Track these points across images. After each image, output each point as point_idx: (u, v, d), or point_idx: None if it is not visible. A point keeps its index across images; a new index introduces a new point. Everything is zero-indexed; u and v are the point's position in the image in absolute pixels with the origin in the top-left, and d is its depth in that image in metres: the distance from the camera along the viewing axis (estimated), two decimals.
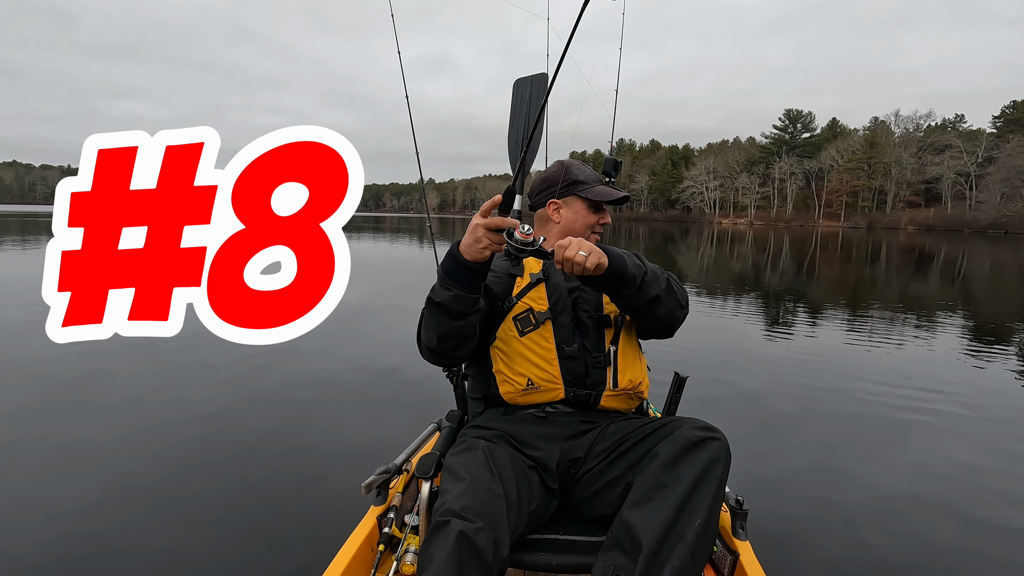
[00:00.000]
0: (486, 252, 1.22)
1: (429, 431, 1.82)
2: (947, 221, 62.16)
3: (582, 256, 1.23)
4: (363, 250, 18.89)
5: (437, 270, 1.31)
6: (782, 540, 2.33)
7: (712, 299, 9.17)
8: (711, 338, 6.16)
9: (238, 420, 3.48)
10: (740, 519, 1.41)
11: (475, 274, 1.26)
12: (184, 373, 4.39)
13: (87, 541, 2.21)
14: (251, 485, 2.67)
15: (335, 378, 4.36)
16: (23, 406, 3.69)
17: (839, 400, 4.13)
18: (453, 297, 1.27)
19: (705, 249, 24.34)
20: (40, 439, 3.13)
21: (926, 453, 3.21)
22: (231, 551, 2.17)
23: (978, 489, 2.81)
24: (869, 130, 76.41)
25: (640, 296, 1.37)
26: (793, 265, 16.94)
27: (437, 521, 1.11)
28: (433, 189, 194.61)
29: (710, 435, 1.23)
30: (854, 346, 5.95)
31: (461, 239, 1.25)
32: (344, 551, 1.35)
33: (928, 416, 3.80)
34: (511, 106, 2.24)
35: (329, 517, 2.37)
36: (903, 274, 15.09)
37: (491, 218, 1.21)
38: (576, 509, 1.40)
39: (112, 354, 4.73)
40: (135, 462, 2.90)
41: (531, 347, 1.46)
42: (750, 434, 3.42)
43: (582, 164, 1.67)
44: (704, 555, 1.15)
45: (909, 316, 7.88)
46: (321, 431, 3.37)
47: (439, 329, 1.33)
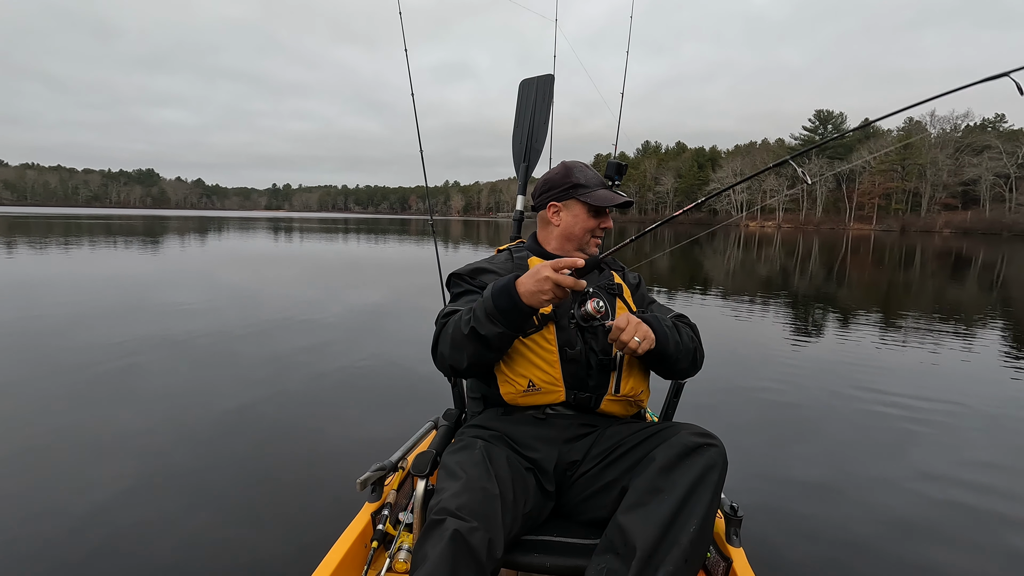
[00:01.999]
0: (545, 303, 1.23)
1: (426, 429, 1.83)
2: (985, 224, 60.11)
3: (636, 342, 1.31)
4: (388, 252, 19.13)
5: (485, 300, 1.27)
6: (776, 548, 2.30)
7: (737, 303, 9.01)
8: (725, 343, 6.08)
9: (248, 416, 3.54)
10: (734, 526, 1.40)
11: (527, 319, 1.28)
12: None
13: (114, 518, 2.32)
14: (255, 480, 2.73)
15: (351, 377, 4.42)
16: (65, 397, 3.86)
17: (850, 409, 4.02)
18: (500, 335, 1.28)
19: (731, 252, 23.93)
20: (83, 428, 3.31)
21: (932, 467, 3.10)
22: (227, 548, 2.19)
23: (981, 507, 2.70)
24: (903, 131, 74.38)
25: (669, 368, 1.50)
26: (822, 269, 16.55)
27: (432, 519, 1.11)
28: (459, 192, 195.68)
29: (707, 441, 1.23)
30: (876, 353, 5.79)
31: (518, 275, 1.25)
32: (337, 547, 1.36)
33: (939, 429, 3.68)
34: (516, 107, 2.23)
35: (323, 513, 2.39)
36: (938, 279, 14.62)
37: (565, 276, 1.20)
38: (571, 512, 1.39)
39: (150, 350, 4.89)
40: (163, 451, 3.01)
41: (533, 348, 1.45)
42: (751, 440, 3.39)
43: (585, 167, 1.64)
44: (698, 561, 1.14)
45: (941, 323, 7.63)
46: (328, 428, 3.41)
47: (473, 357, 1.33)
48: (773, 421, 3.76)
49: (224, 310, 7.08)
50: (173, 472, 2.78)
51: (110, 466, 2.82)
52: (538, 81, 2.22)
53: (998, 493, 2.83)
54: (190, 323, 6.19)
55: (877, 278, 14.49)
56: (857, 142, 76.16)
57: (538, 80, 2.22)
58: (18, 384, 4.07)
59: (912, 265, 18.99)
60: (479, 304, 1.29)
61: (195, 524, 2.33)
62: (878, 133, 77.26)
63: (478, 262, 1.63)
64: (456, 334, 1.34)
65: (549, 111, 2.16)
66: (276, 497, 2.55)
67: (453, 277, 1.60)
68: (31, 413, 3.52)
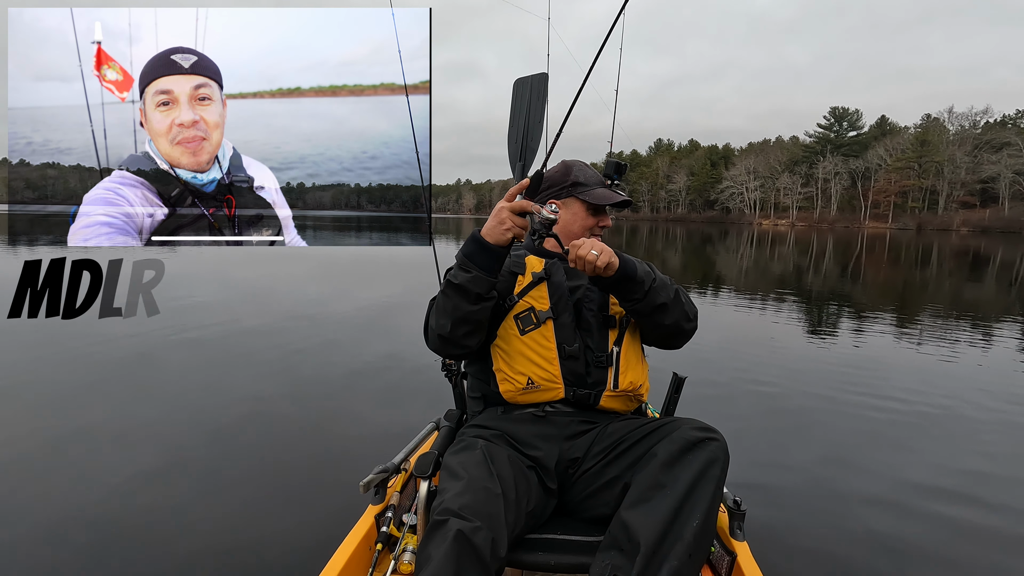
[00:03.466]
0: (509, 235, 1.29)
1: (427, 430, 1.83)
2: (1004, 222, 58.99)
3: (593, 255, 1.32)
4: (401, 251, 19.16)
5: (456, 255, 1.36)
6: (781, 541, 2.30)
7: (749, 300, 8.95)
8: (732, 336, 6.05)
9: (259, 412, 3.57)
10: (738, 520, 1.40)
11: (496, 257, 1.32)
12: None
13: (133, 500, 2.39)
14: (261, 475, 2.76)
15: (360, 372, 4.45)
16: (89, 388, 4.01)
17: (855, 406, 3.98)
18: (473, 279, 1.32)
19: (744, 250, 23.76)
20: (107, 419, 3.44)
21: (939, 464, 3.08)
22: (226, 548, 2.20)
23: (985, 502, 2.69)
24: (921, 127, 73.38)
25: (647, 301, 1.43)
26: (836, 267, 16.38)
27: (435, 520, 1.11)
28: (470, 190, 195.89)
29: (709, 436, 1.22)
30: (887, 351, 5.73)
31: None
32: (342, 550, 1.36)
33: (948, 427, 3.64)
34: (511, 106, 2.22)
35: (329, 516, 2.39)
36: (955, 277, 14.42)
37: (517, 201, 1.29)
38: (574, 509, 1.39)
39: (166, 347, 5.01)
40: (177, 441, 3.11)
41: (532, 346, 1.46)
42: (755, 434, 3.38)
43: (585, 166, 1.65)
44: (702, 555, 1.14)
45: (957, 322, 7.52)
46: (336, 425, 3.44)
47: (455, 312, 1.35)
48: (777, 416, 3.74)
49: (236, 306, 7.14)
50: (172, 472, 2.80)
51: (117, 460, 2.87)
52: (532, 80, 2.19)
53: (1009, 492, 2.79)
54: (204, 318, 6.27)
55: (892, 276, 14.32)
56: (873, 140, 75.27)
57: (532, 79, 2.19)
58: (39, 378, 4.19)
59: (929, 263, 18.74)
60: (454, 264, 1.38)
61: (194, 522, 2.35)
62: (895, 130, 76.35)
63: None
64: (438, 300, 1.41)
65: (544, 110, 2.15)
66: (283, 499, 2.56)
67: (449, 270, 1.62)
68: (55, 404, 3.66)
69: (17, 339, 5.22)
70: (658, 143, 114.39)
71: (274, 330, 5.88)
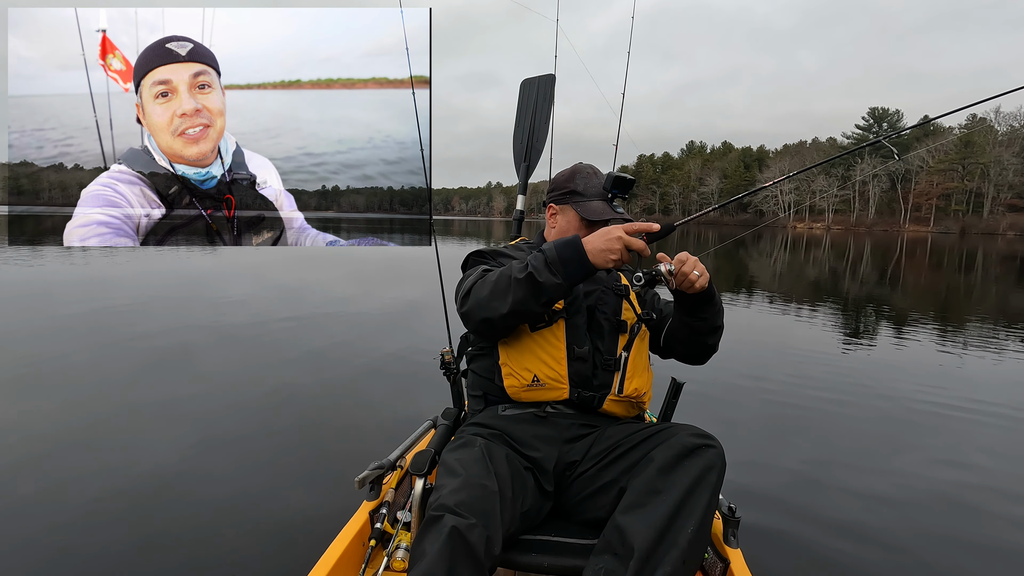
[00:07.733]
0: (611, 264, 1.25)
1: (424, 428, 1.83)
2: None
3: (695, 275, 1.30)
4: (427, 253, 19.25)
5: (548, 249, 1.28)
6: (774, 549, 2.27)
7: (782, 305, 8.74)
8: (745, 339, 5.93)
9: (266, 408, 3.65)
10: (732, 527, 1.39)
11: (588, 276, 1.28)
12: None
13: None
14: (266, 466, 2.83)
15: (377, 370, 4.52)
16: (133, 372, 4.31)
17: (856, 412, 3.90)
18: (556, 286, 1.27)
19: (778, 254, 23.24)
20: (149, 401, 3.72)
21: (935, 471, 2.99)
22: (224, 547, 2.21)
23: (982, 511, 2.62)
24: (966, 128, 70.69)
25: (710, 322, 1.44)
26: (874, 273, 15.86)
27: (431, 516, 1.11)
28: (500, 193, 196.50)
29: (706, 442, 1.21)
30: (905, 358, 5.55)
31: (584, 235, 1.30)
32: (335, 545, 1.37)
33: (955, 435, 3.53)
34: (518, 106, 2.21)
35: (323, 511, 2.40)
36: (1002, 284, 13.82)
37: (636, 239, 1.25)
38: (570, 511, 1.38)
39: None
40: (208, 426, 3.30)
41: (541, 344, 1.45)
42: (754, 441, 3.30)
43: (592, 174, 1.62)
44: (696, 562, 1.12)
45: (1005, 330, 7.20)
46: (343, 423, 3.48)
47: (518, 304, 1.29)
48: (783, 423, 3.65)
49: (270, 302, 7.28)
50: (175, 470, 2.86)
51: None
52: (539, 81, 2.19)
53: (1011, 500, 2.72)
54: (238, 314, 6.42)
55: (934, 282, 13.81)
56: (915, 140, 72.82)
57: (539, 79, 2.19)
58: (94, 363, 4.52)
59: (973, 268, 18.02)
60: (536, 256, 1.29)
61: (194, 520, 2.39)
62: (937, 131, 73.76)
63: (497, 247, 1.65)
64: (501, 280, 1.32)
65: (550, 111, 2.13)
66: (282, 496, 2.57)
67: (474, 255, 1.61)
68: (106, 387, 3.98)
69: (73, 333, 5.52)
70: (690, 145, 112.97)
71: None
